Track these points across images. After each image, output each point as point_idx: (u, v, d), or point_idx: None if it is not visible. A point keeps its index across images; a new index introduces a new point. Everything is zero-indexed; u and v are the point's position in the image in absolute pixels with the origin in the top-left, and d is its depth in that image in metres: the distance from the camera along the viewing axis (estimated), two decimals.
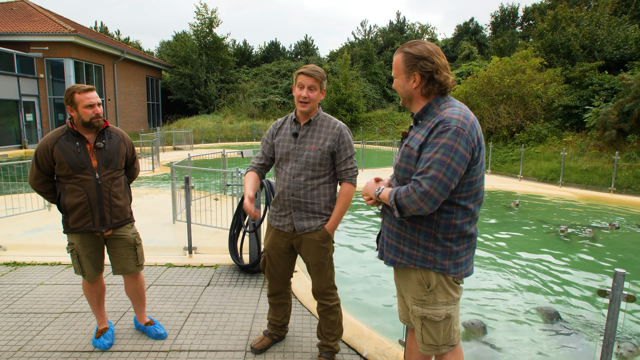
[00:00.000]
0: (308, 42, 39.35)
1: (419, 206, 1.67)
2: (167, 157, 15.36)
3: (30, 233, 5.66)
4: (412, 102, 1.85)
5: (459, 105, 1.76)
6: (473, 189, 1.77)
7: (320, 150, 2.45)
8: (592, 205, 9.44)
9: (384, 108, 28.75)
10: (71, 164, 2.60)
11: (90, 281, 2.85)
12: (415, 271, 1.86)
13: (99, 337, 2.93)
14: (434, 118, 1.73)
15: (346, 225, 7.23)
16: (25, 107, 19.11)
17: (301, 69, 2.46)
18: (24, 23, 20.46)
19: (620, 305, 1.76)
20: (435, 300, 1.84)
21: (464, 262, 1.85)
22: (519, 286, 4.74)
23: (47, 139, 2.64)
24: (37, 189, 2.72)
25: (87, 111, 2.62)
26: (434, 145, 1.66)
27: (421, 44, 1.78)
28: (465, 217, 1.79)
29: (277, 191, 2.57)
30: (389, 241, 1.93)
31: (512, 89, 15.59)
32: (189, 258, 4.69)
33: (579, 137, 14.06)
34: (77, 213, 2.66)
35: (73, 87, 2.65)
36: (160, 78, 30.85)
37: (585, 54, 17.00)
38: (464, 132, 1.66)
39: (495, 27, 36.45)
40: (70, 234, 2.75)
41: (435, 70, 1.75)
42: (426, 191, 1.64)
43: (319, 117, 2.55)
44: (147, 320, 3.10)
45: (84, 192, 2.64)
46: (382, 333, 3.19)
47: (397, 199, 1.73)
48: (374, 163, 14.62)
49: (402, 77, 1.82)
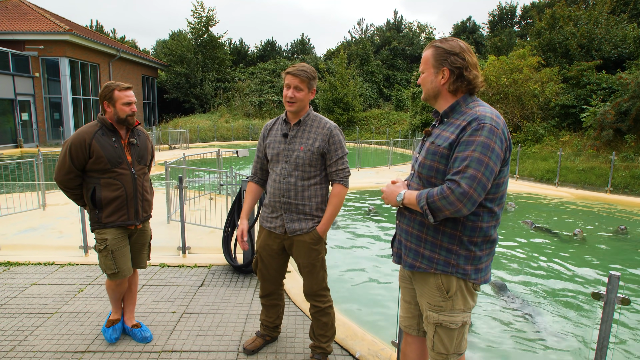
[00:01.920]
0: (304, 41, 39.31)
1: (457, 208, 1.58)
2: (162, 157, 15.29)
3: (24, 233, 5.63)
4: (438, 98, 1.79)
5: (488, 105, 1.72)
6: (499, 191, 1.71)
7: (310, 151, 2.43)
8: (587, 206, 9.46)
9: (380, 107, 28.78)
10: (110, 158, 2.65)
11: (124, 277, 2.82)
12: (435, 276, 1.78)
13: (110, 326, 2.95)
14: (464, 116, 1.67)
15: (340, 223, 7.21)
16: (20, 106, 19.02)
17: (289, 68, 2.43)
18: (19, 22, 20.34)
19: (615, 307, 1.75)
20: (453, 307, 1.77)
21: (484, 268, 1.78)
22: (511, 286, 4.74)
23: (83, 132, 2.64)
24: (67, 184, 2.68)
25: (125, 108, 2.67)
26: (470, 144, 1.59)
27: (454, 40, 1.75)
28: (491, 221, 1.72)
29: (269, 192, 2.56)
30: (407, 244, 1.84)
31: (509, 89, 15.61)
32: (183, 258, 4.67)
33: (576, 136, 14.09)
34: (113, 207, 2.69)
35: (112, 84, 2.69)
36: (156, 77, 30.76)
37: (583, 53, 17.03)
38: (498, 131, 1.61)
39: (493, 25, 36.50)
40: (103, 229, 2.72)
41: (465, 67, 1.70)
42: (465, 192, 1.55)
43: (309, 118, 2.52)
44: (134, 322, 3.06)
45: (121, 186, 2.69)
46: (375, 334, 3.18)
47: (430, 202, 1.62)
48: (370, 162, 14.62)
49: (430, 71, 1.77)
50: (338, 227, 7.21)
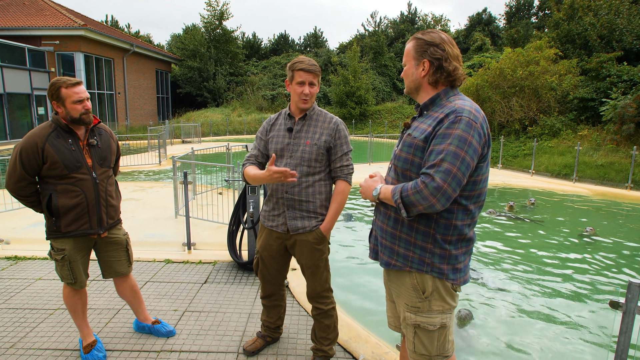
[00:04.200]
0: (317, 34, 39.03)
1: (431, 203, 1.53)
2: (175, 151, 15.37)
3: (33, 227, 5.66)
4: (420, 91, 1.76)
5: (468, 99, 1.68)
6: (476, 189, 1.66)
7: (317, 145, 2.35)
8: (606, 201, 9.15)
9: (393, 101, 28.41)
10: (66, 163, 2.39)
11: (81, 288, 2.65)
12: (410, 275, 1.74)
13: (89, 351, 2.66)
14: (443, 109, 1.64)
15: (343, 223, 7.11)
16: (37, 100, 19.31)
17: (298, 64, 2.31)
18: (35, 17, 20.61)
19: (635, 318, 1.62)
20: (430, 307, 1.72)
21: (463, 268, 1.74)
22: (529, 290, 4.58)
23: (34, 136, 2.38)
24: (20, 193, 2.45)
25: (76, 107, 2.42)
26: (446, 137, 1.54)
27: (435, 32, 1.73)
28: (466, 219, 1.68)
29: (271, 188, 2.46)
30: (382, 242, 1.81)
31: (525, 81, 15.19)
32: (188, 254, 4.63)
33: (594, 131, 13.65)
34: (72, 215, 2.45)
35: (58, 80, 2.43)
36: (169, 71, 30.93)
37: (603, 44, 16.47)
38: (476, 125, 1.56)
39: (510, 17, 35.64)
40: (60, 239, 2.50)
41: (444, 58, 1.67)
42: (439, 186, 1.51)
43: (314, 112, 2.44)
44: (152, 319, 2.99)
45: (81, 193, 2.45)
46: (379, 336, 3.08)
47: (404, 196, 1.58)
48: (382, 157, 14.43)
49: (411, 64, 1.75)
50: (355, 218, 7.15)
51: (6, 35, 18.85)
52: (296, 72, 2.32)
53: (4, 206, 6.30)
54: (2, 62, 17.38)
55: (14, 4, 22.37)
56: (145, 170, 12.02)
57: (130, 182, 9.75)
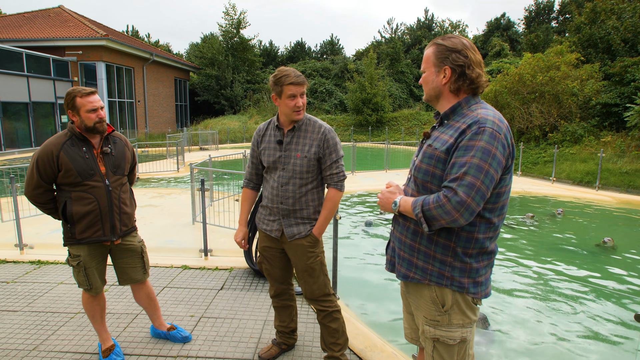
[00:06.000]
0: (334, 41, 39.21)
1: (454, 218, 1.48)
2: (192, 158, 15.60)
3: (56, 232, 5.80)
4: (440, 99, 1.70)
5: (491, 107, 1.62)
6: (500, 201, 1.60)
7: (307, 158, 2.39)
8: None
9: (410, 107, 28.23)
10: (80, 171, 2.47)
11: (97, 294, 2.71)
12: (429, 288, 1.69)
13: (108, 355, 2.73)
14: (465, 119, 1.58)
15: (362, 228, 7.07)
16: (60, 109, 19.90)
17: (285, 78, 2.29)
18: (60, 28, 21.33)
19: None
20: (450, 321, 1.67)
21: (484, 281, 1.68)
22: (547, 300, 4.46)
23: (50, 144, 2.48)
24: (37, 199, 2.54)
25: (90, 115, 2.49)
26: (469, 149, 1.49)
27: (456, 37, 1.66)
28: (488, 232, 1.62)
29: (265, 196, 2.53)
30: (400, 253, 1.76)
31: (546, 87, 14.91)
32: (205, 260, 4.67)
33: (618, 137, 13.29)
34: (85, 222, 2.51)
35: (74, 90, 2.51)
36: (188, 79, 31.50)
37: (627, 48, 16.07)
38: (500, 136, 1.50)
39: (529, 21, 35.13)
40: (76, 245, 2.57)
41: (467, 65, 1.61)
42: (462, 200, 1.45)
43: (302, 122, 2.44)
44: (168, 325, 3.03)
45: (94, 200, 2.51)
46: (396, 346, 3.03)
47: (426, 210, 1.52)
48: (399, 164, 14.34)
49: (431, 70, 1.68)
50: (372, 224, 7.12)
51: (32, 46, 19.54)
52: (285, 86, 2.30)
53: (29, 212, 6.48)
54: (28, 72, 18.03)
55: (40, 16, 23.22)
56: (164, 177, 12.23)
57: (149, 188, 9.92)
